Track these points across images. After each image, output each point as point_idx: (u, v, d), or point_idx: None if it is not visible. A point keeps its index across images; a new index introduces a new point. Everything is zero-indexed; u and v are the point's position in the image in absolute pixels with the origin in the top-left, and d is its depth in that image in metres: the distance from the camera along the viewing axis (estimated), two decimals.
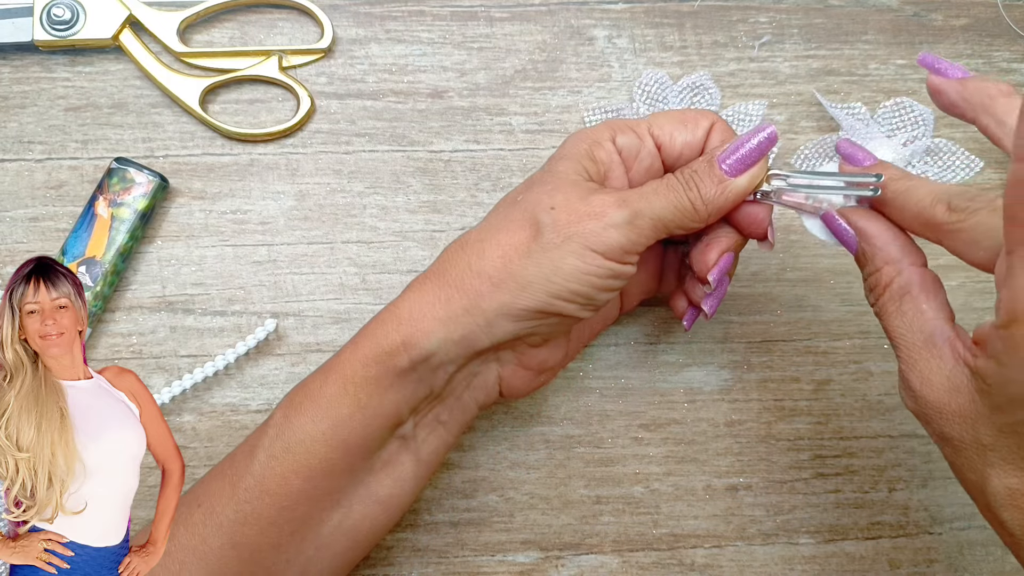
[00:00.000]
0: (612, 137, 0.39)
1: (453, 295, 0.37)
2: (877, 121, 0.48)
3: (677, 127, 0.39)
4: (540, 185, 0.38)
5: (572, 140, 0.40)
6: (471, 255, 0.38)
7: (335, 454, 0.38)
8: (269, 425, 0.39)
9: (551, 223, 0.37)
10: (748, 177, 0.38)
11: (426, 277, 0.38)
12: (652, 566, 0.46)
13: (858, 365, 0.47)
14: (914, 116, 0.47)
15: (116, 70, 0.48)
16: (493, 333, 0.38)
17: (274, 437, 0.38)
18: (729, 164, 0.37)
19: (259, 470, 0.38)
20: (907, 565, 0.46)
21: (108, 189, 0.46)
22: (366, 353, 0.38)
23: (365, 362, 0.38)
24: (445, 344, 0.37)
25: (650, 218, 0.37)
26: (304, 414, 0.38)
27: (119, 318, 0.46)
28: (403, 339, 0.37)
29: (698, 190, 0.37)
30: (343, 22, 0.49)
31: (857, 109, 0.48)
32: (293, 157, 0.48)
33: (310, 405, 0.38)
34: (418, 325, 0.37)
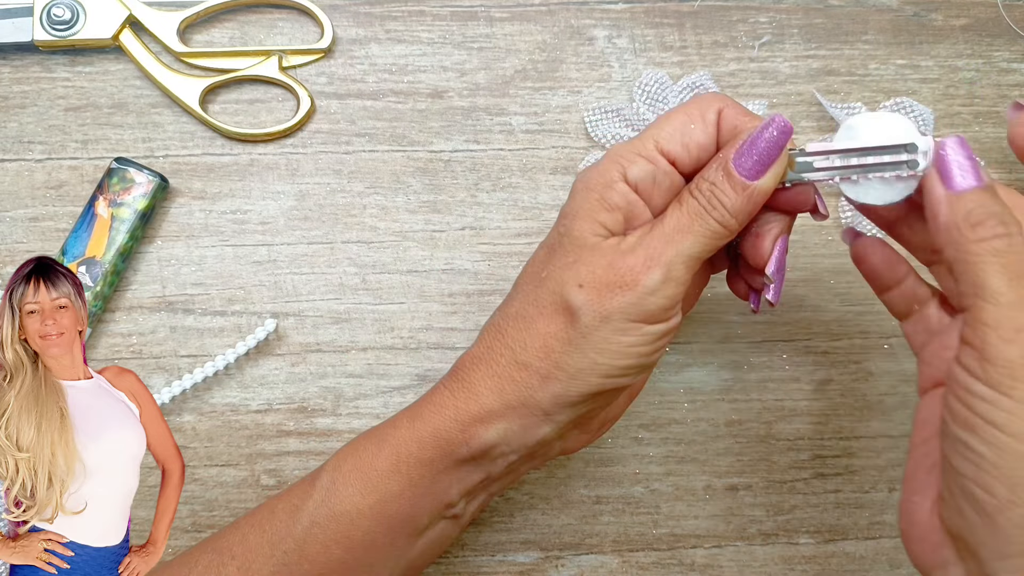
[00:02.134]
0: (623, 175, 0.35)
1: (506, 387, 0.35)
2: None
3: (685, 131, 0.36)
4: (561, 257, 0.36)
5: (581, 191, 0.36)
6: (514, 346, 0.36)
7: (379, 528, 0.37)
8: (315, 487, 0.37)
9: (584, 304, 0.34)
10: (771, 176, 0.34)
11: (475, 362, 0.37)
12: (652, 566, 0.46)
13: (858, 365, 0.47)
14: (914, 116, 0.47)
15: (116, 70, 0.48)
16: (554, 421, 0.36)
17: (320, 503, 0.37)
18: (748, 169, 0.34)
19: (301, 534, 0.36)
20: (907, 565, 0.46)
21: (108, 189, 0.46)
22: (423, 436, 0.36)
23: (422, 444, 0.36)
24: (506, 435, 0.36)
25: (683, 263, 0.34)
26: (352, 485, 0.36)
27: (119, 318, 0.46)
28: (462, 430, 0.36)
29: (723, 207, 0.34)
30: (343, 22, 0.49)
31: (857, 109, 0.48)
32: (293, 157, 0.48)
33: (359, 477, 0.37)
34: (477, 418, 0.36)
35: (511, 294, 0.37)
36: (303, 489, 0.38)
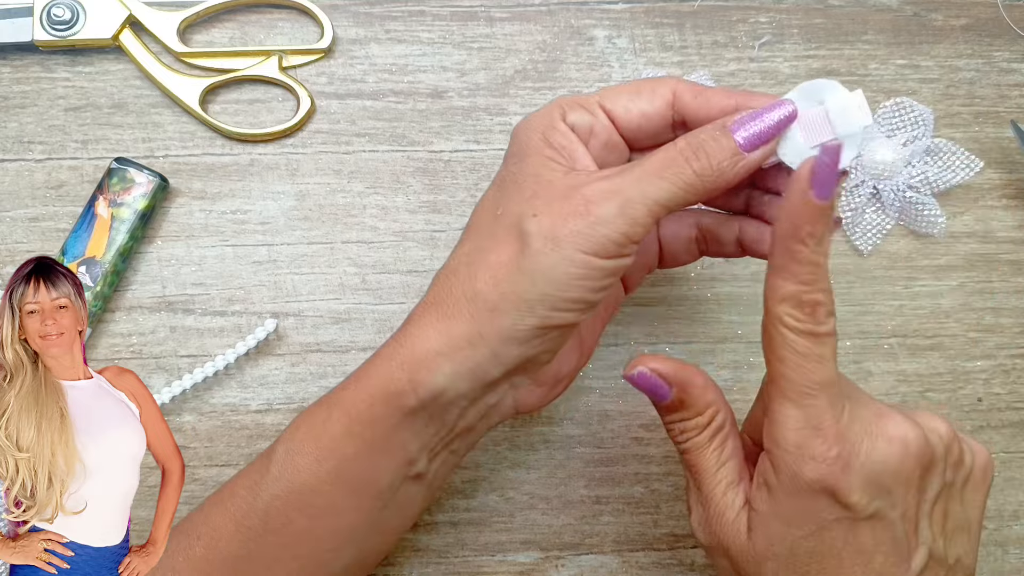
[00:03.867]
0: (563, 117, 0.36)
1: (453, 326, 0.35)
2: (877, 121, 0.48)
3: (630, 98, 0.36)
4: (517, 191, 0.36)
5: (523, 132, 0.37)
6: (463, 282, 0.35)
7: (340, 493, 0.36)
8: (272, 460, 0.37)
9: (537, 231, 0.34)
10: (761, 153, 0.35)
11: (424, 309, 0.36)
12: (652, 566, 0.46)
13: (858, 365, 0.47)
14: (914, 116, 0.47)
15: (116, 70, 0.48)
16: (502, 361, 0.35)
17: (277, 475, 0.37)
18: (746, 137, 0.34)
19: (263, 508, 0.36)
20: None
21: (108, 189, 0.46)
22: (372, 392, 0.36)
23: (371, 401, 0.36)
24: (454, 379, 0.35)
25: (644, 204, 0.34)
26: (307, 453, 0.36)
27: (119, 318, 0.46)
28: (409, 377, 0.35)
29: (707, 159, 0.34)
30: (343, 22, 0.49)
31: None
32: (293, 157, 0.48)
33: (313, 444, 0.36)
34: (423, 362, 0.35)
35: (464, 238, 0.37)
36: (261, 464, 0.38)
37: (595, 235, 0.33)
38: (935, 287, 0.48)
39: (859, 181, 0.47)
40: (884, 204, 0.47)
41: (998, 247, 0.48)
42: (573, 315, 0.35)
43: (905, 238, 0.48)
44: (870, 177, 0.47)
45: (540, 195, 0.35)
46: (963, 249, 0.48)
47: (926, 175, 0.47)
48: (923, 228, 0.47)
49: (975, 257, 0.48)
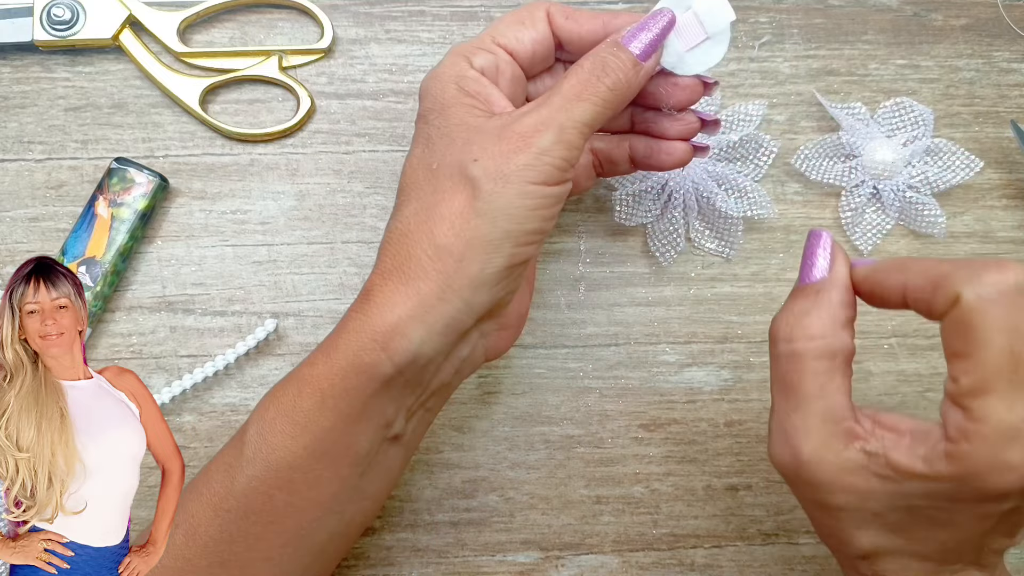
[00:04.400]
0: (470, 63, 0.38)
1: (421, 287, 0.35)
2: (877, 121, 0.48)
3: (518, 29, 0.39)
4: (448, 143, 0.36)
5: (435, 86, 0.38)
6: (420, 241, 0.36)
7: (320, 466, 0.36)
8: (245, 442, 0.37)
9: (483, 174, 0.35)
10: (654, 60, 0.38)
11: (383, 277, 0.36)
12: (652, 566, 0.46)
13: (858, 365, 0.47)
14: (914, 116, 0.47)
15: (116, 70, 0.48)
16: (473, 310, 0.36)
17: (252, 456, 0.36)
18: (640, 48, 0.37)
19: (241, 490, 0.36)
20: None
21: (108, 189, 0.46)
22: (343, 366, 0.36)
23: (343, 374, 0.36)
24: (428, 339, 0.35)
25: (575, 127, 0.35)
26: (281, 431, 0.36)
27: (119, 318, 0.46)
28: (383, 347, 0.35)
29: (615, 74, 0.36)
30: (343, 22, 0.49)
31: (857, 109, 0.48)
32: (293, 157, 0.48)
33: (286, 421, 0.36)
34: (395, 329, 0.35)
35: (401, 202, 0.37)
36: (233, 447, 0.37)
37: (540, 165, 0.35)
38: None
39: (859, 181, 0.47)
40: (884, 204, 0.47)
41: (998, 247, 0.48)
42: (533, 247, 0.37)
43: (905, 238, 0.48)
44: (870, 177, 0.47)
45: (474, 141, 0.36)
46: (963, 249, 0.48)
47: (926, 175, 0.47)
48: (923, 228, 0.47)
49: (975, 257, 0.48)
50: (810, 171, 0.48)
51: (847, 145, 0.47)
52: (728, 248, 0.47)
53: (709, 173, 0.47)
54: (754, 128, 0.47)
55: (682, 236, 0.47)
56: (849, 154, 0.48)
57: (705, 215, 0.47)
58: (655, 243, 0.47)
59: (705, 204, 0.47)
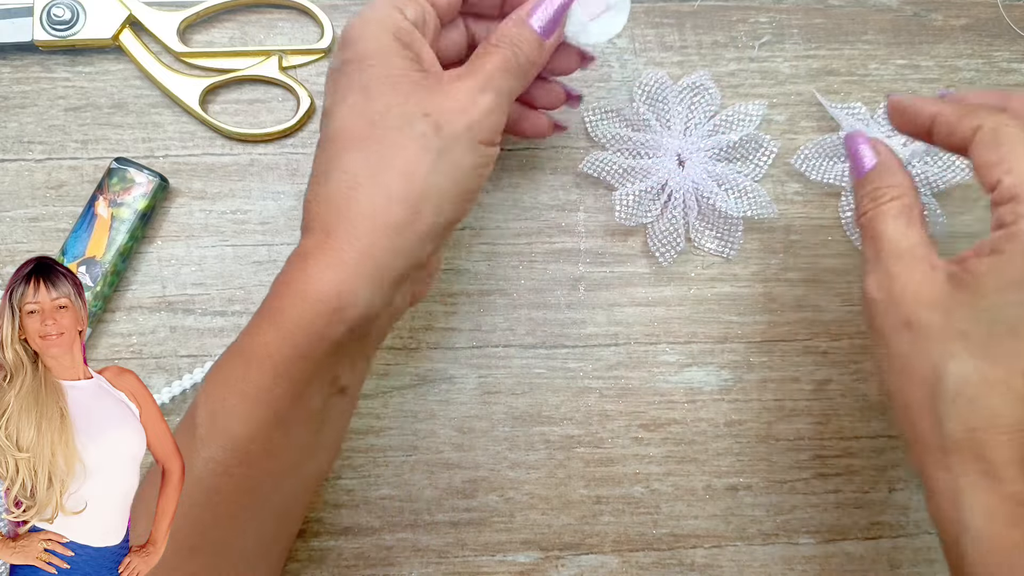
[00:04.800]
0: (403, 14, 0.38)
1: (371, 242, 0.35)
2: (877, 121, 0.48)
3: None
4: (389, 94, 0.36)
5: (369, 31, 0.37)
6: (370, 196, 0.35)
7: (276, 434, 0.36)
8: (196, 426, 0.36)
9: (434, 130, 0.36)
10: (556, 35, 0.40)
11: (326, 234, 0.36)
12: (652, 566, 0.46)
13: (858, 365, 0.47)
14: None
15: (116, 70, 0.48)
16: (419, 260, 0.37)
17: (205, 438, 0.36)
18: (541, 26, 0.39)
19: (198, 474, 0.35)
20: (907, 565, 0.46)
21: (108, 189, 0.46)
22: (294, 333, 0.35)
23: (294, 342, 0.35)
24: (379, 294, 0.36)
25: (505, 93, 0.38)
26: (233, 410, 0.36)
27: (119, 318, 0.46)
28: (335, 309, 0.35)
29: (525, 53, 0.38)
30: (343, 22, 0.49)
31: (857, 109, 0.48)
32: (293, 157, 0.48)
33: (239, 401, 0.35)
34: (348, 290, 0.35)
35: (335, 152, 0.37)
36: (183, 432, 0.36)
37: (483, 125, 0.37)
38: None
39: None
40: None
41: None
42: (473, 203, 0.38)
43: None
44: None
45: (418, 95, 0.36)
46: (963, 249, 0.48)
47: (926, 175, 0.47)
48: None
49: None
50: (810, 171, 0.48)
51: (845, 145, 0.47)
52: (728, 248, 0.47)
53: (709, 173, 0.47)
54: (754, 128, 0.47)
55: (682, 236, 0.47)
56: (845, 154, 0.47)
57: (705, 215, 0.47)
58: (655, 243, 0.47)
59: (705, 204, 0.47)
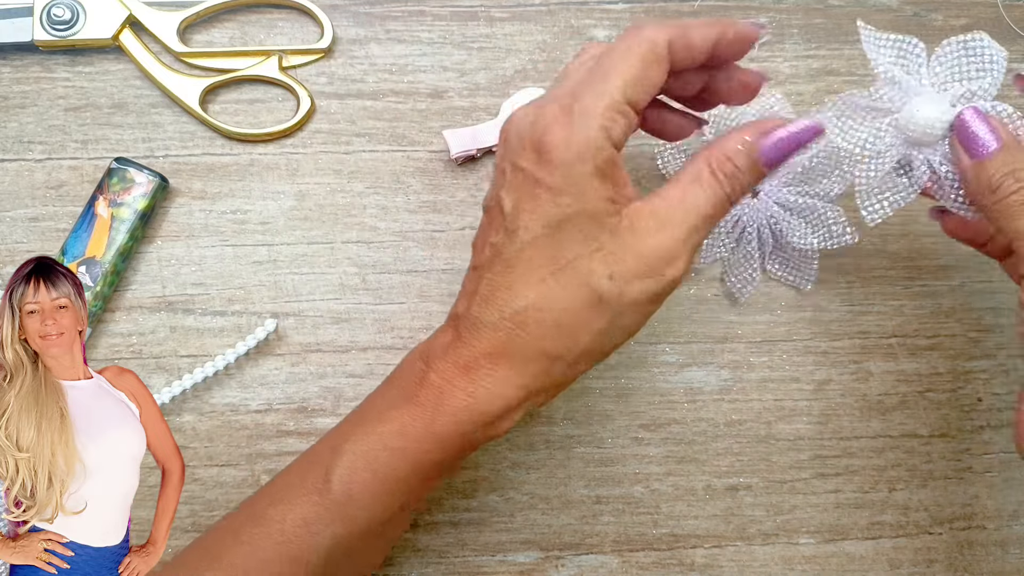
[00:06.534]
0: (609, 137, 0.35)
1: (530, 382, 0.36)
2: (931, 66, 0.38)
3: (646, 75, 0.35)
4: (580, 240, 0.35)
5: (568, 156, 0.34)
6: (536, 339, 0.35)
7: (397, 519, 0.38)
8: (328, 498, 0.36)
9: (614, 295, 0.35)
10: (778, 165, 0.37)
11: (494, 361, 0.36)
12: (652, 566, 0.46)
13: (858, 365, 0.47)
14: (981, 62, 0.37)
15: (116, 70, 0.48)
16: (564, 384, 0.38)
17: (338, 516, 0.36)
18: (771, 160, 0.36)
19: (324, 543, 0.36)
20: (907, 565, 0.46)
21: (108, 189, 0.46)
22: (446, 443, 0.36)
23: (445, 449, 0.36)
24: (528, 412, 0.37)
25: (698, 241, 0.36)
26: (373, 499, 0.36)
27: (119, 318, 0.46)
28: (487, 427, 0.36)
29: (739, 186, 0.36)
30: (343, 22, 0.49)
31: (911, 45, 0.38)
32: (293, 157, 0.48)
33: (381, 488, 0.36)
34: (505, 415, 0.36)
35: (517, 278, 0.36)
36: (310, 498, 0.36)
37: (663, 290, 0.36)
38: (935, 287, 0.48)
39: (889, 145, 0.39)
40: (912, 178, 0.39)
41: None
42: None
43: (905, 238, 0.48)
44: (902, 142, 0.39)
45: (608, 250, 0.35)
46: (963, 249, 0.48)
47: None
48: (957, 208, 0.39)
49: (975, 257, 0.48)
50: (834, 133, 0.39)
51: (884, 99, 0.38)
52: (805, 279, 0.47)
53: (783, 202, 0.45)
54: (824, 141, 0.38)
55: (758, 270, 0.46)
56: (884, 109, 0.38)
57: (780, 247, 0.47)
58: (732, 278, 0.46)
59: (780, 236, 0.46)
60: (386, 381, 0.39)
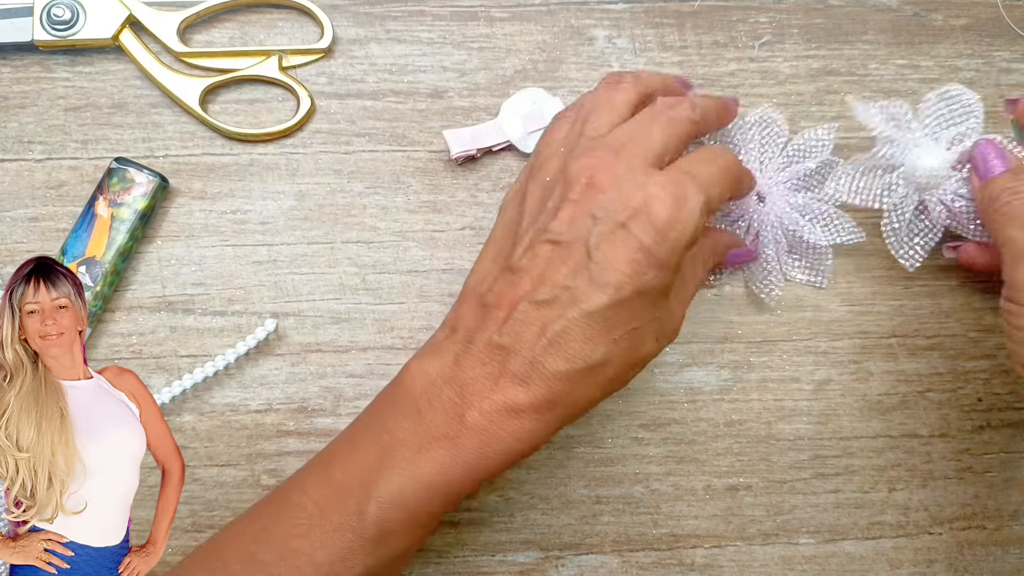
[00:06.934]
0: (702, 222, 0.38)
1: (568, 417, 0.37)
2: (920, 120, 0.43)
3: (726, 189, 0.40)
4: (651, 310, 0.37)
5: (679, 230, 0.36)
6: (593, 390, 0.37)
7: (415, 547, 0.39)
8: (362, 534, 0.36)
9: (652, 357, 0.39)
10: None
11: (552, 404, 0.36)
12: (652, 566, 0.46)
13: (858, 365, 0.47)
14: (961, 108, 0.43)
15: (116, 70, 0.48)
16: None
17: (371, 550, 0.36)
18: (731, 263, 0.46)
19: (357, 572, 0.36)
20: (907, 565, 0.46)
21: (108, 189, 0.46)
22: (478, 471, 0.36)
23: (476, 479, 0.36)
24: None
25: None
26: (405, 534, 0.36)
27: (119, 318, 0.46)
28: (519, 454, 0.36)
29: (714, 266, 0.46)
30: (343, 22, 0.49)
31: (899, 109, 0.43)
32: (293, 157, 0.48)
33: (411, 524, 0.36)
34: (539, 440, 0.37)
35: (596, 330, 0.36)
36: (343, 535, 0.36)
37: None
38: (935, 287, 0.48)
39: (903, 195, 0.44)
40: (931, 218, 0.44)
41: None
42: None
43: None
44: (914, 190, 0.43)
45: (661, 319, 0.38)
46: None
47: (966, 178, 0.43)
48: (975, 235, 0.44)
49: None
50: (850, 196, 0.45)
51: (887, 157, 0.43)
52: (821, 277, 0.47)
53: (791, 205, 0.46)
54: (828, 153, 0.45)
55: (779, 272, 0.46)
56: (889, 167, 0.44)
57: (794, 248, 0.47)
58: (756, 284, 0.47)
59: (792, 237, 0.46)
60: (405, 400, 0.37)
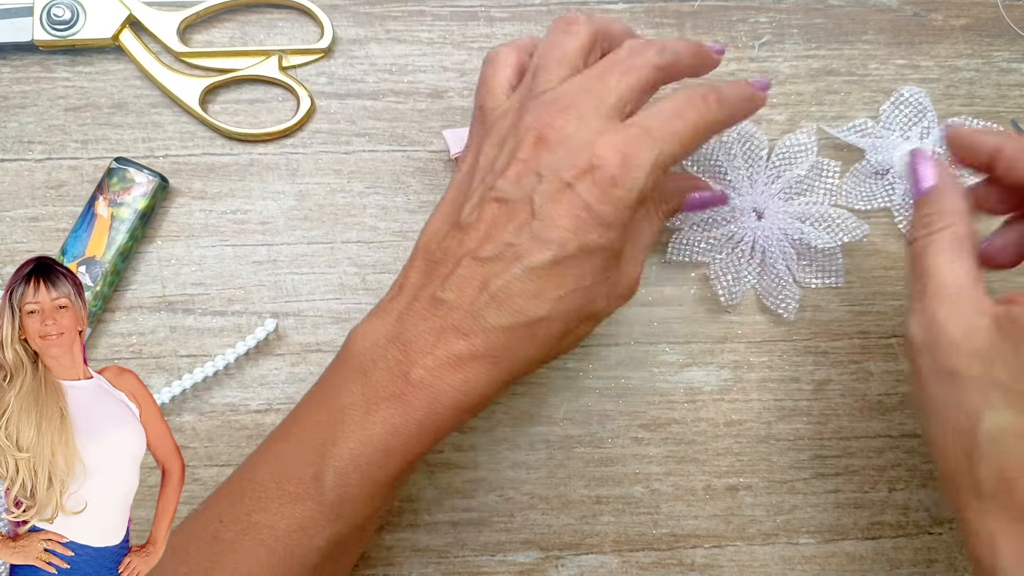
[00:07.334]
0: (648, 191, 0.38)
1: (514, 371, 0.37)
2: (885, 126, 0.48)
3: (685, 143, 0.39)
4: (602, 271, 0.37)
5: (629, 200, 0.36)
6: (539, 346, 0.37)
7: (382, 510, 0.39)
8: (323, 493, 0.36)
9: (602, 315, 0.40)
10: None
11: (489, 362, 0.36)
12: (652, 566, 0.46)
13: (858, 365, 0.47)
14: (913, 107, 0.47)
15: (116, 70, 0.48)
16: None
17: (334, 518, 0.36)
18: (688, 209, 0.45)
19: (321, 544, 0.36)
20: (907, 565, 0.46)
21: (108, 189, 0.46)
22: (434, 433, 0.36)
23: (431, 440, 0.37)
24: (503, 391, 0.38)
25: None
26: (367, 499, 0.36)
27: (119, 318, 0.46)
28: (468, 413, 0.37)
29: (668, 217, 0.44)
30: (343, 22, 0.49)
31: (865, 125, 0.48)
32: (293, 157, 0.48)
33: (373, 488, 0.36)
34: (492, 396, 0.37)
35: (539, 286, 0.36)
36: (303, 504, 0.36)
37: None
38: None
39: (903, 193, 0.47)
40: None
41: None
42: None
43: (905, 237, 0.48)
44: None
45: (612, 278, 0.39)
46: None
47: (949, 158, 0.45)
48: None
49: None
50: (857, 203, 0.47)
51: (876, 164, 0.47)
52: (835, 278, 0.47)
53: (791, 214, 0.46)
54: (815, 155, 0.47)
55: (793, 286, 0.46)
56: (882, 171, 0.47)
57: (803, 255, 0.47)
58: (771, 301, 0.47)
59: (799, 245, 0.46)
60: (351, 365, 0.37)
